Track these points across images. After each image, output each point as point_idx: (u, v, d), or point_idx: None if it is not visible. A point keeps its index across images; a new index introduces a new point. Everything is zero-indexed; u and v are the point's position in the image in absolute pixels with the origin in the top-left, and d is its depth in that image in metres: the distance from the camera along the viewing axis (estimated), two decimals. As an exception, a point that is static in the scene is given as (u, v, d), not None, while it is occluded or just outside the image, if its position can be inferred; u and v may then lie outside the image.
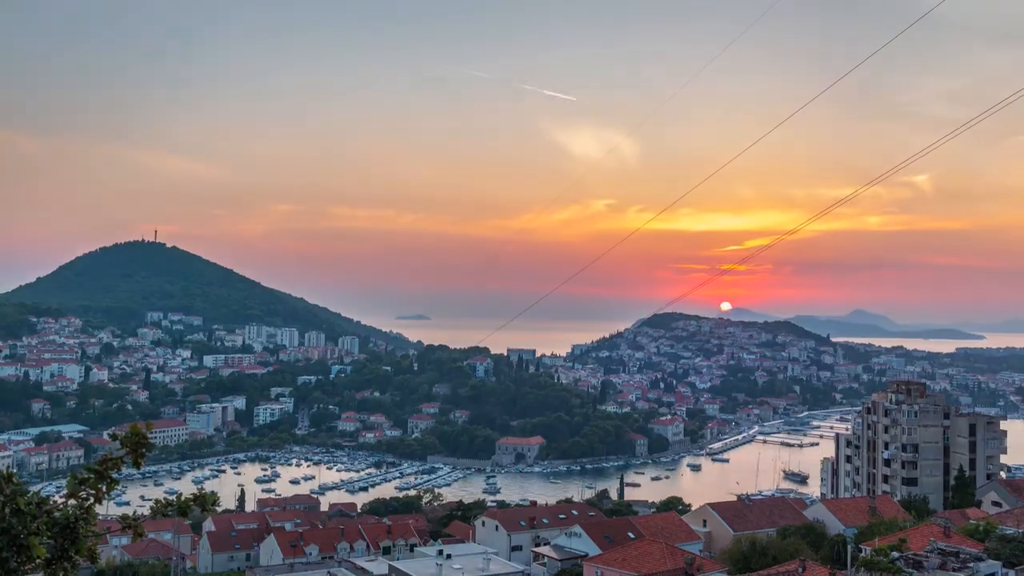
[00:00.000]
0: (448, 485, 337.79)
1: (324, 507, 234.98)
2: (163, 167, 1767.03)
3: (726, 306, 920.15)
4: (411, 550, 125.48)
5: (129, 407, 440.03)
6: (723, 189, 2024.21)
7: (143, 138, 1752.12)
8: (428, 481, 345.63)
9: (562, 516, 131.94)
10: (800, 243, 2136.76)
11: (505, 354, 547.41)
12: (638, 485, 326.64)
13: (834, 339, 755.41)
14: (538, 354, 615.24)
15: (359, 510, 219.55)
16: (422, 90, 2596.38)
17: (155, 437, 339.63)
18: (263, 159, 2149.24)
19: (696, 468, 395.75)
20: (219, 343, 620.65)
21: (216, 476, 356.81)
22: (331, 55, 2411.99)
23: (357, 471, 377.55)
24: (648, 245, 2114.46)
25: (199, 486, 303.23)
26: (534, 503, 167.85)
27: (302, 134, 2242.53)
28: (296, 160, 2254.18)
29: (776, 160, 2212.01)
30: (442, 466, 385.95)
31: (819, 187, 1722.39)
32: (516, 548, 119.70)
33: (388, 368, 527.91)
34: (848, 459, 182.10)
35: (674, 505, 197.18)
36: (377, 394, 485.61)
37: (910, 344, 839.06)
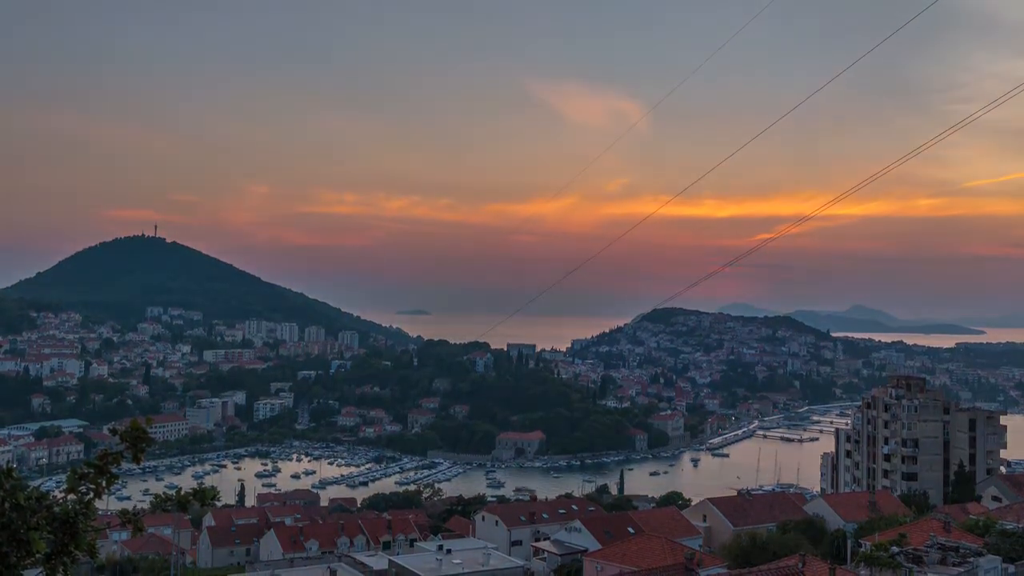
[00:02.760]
0: (448, 480, 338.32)
1: (324, 502, 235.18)
2: (118, 141, 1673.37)
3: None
4: (411, 545, 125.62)
5: (129, 402, 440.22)
6: (751, 171, 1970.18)
7: (94, 112, 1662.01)
8: (428, 476, 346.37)
9: (562, 511, 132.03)
10: (838, 229, 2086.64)
11: (505, 349, 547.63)
12: (630, 468, 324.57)
13: (834, 334, 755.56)
14: (538, 349, 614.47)
15: (359, 505, 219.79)
16: (407, 58, 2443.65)
17: (155, 432, 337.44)
18: (226, 136, 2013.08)
19: (695, 462, 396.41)
20: (219, 338, 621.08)
21: (216, 471, 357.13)
22: (299, 22, 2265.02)
23: (357, 466, 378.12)
24: (665, 233, 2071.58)
25: (199, 481, 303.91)
26: (534, 498, 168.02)
27: (268, 108, 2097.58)
28: (265, 136, 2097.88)
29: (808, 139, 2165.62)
30: (442, 461, 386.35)
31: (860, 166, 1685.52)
32: (516, 543, 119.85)
33: (388, 363, 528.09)
34: (848, 454, 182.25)
35: (674, 500, 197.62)
36: (377, 389, 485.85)
37: (910, 339, 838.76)
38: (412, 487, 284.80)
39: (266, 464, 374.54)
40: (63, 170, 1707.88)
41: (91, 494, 8.75)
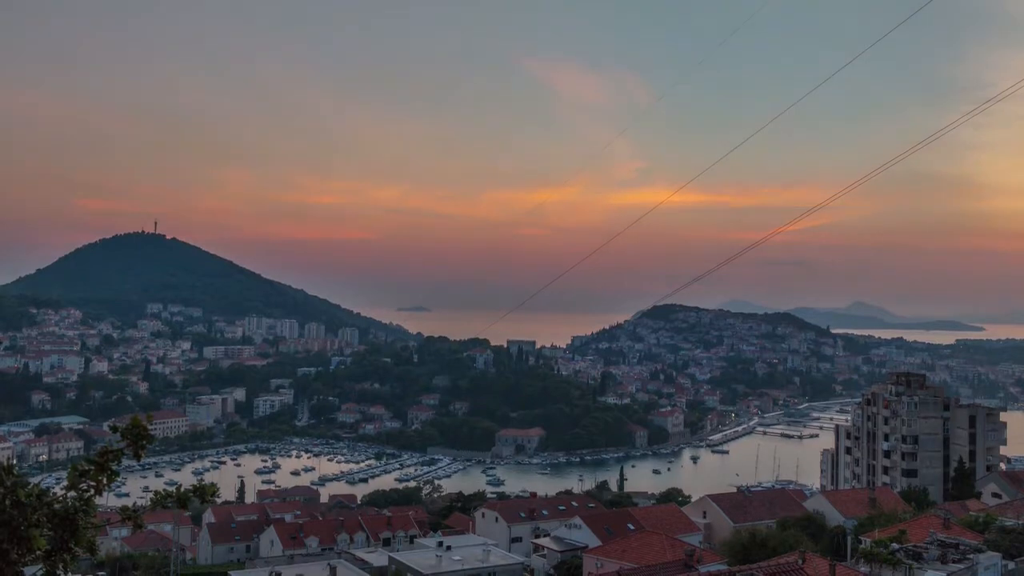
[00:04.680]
0: (448, 477, 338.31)
1: (324, 499, 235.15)
2: (83, 124, 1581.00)
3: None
4: (411, 541, 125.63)
5: (129, 399, 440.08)
6: (764, 165, 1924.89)
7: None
8: (428, 472, 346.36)
9: (562, 508, 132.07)
10: (840, 225, 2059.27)
11: (505, 346, 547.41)
12: (633, 465, 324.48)
13: (834, 331, 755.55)
14: (538, 345, 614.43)
15: (359, 502, 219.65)
16: (398, 36, 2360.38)
17: (155, 429, 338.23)
18: (200, 118, 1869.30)
19: (695, 458, 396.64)
20: (219, 335, 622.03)
21: (216, 467, 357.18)
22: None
23: (357, 463, 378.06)
24: (670, 226, 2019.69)
25: (199, 477, 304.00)
26: (534, 495, 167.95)
27: (245, 88, 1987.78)
28: (243, 119, 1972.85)
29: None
30: (442, 458, 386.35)
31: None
32: (516, 539, 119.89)
33: (388, 359, 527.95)
34: (848, 450, 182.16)
35: (674, 497, 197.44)
36: (377, 386, 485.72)
37: (910, 335, 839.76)
38: (412, 484, 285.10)
39: (266, 461, 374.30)
40: (29, 156, 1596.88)
41: (91, 491, 8.75)
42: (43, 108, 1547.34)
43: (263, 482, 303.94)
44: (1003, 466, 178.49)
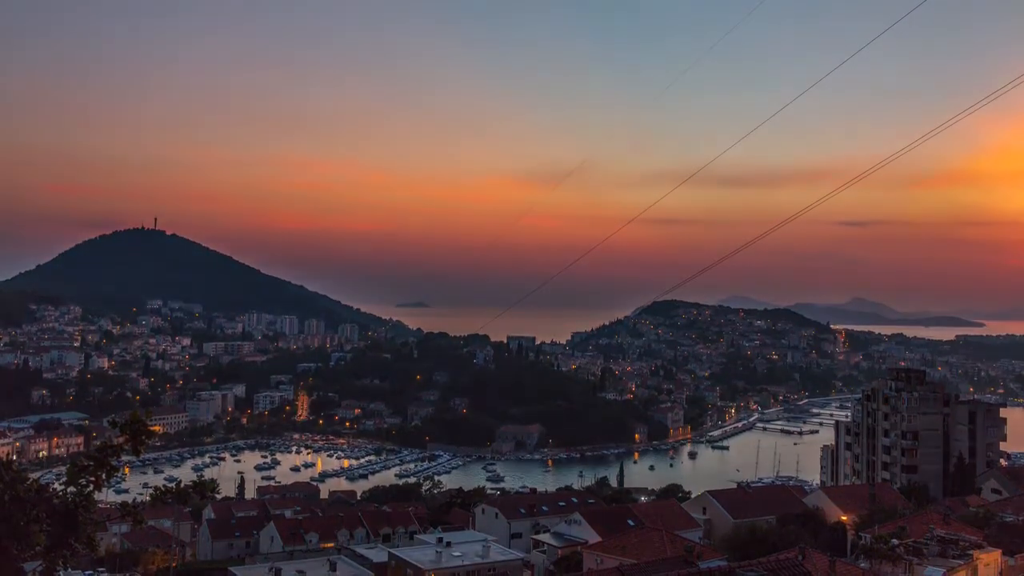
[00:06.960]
0: (448, 473, 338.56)
1: (324, 495, 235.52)
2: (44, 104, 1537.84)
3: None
4: (411, 537, 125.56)
5: (129, 395, 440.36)
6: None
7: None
8: (428, 468, 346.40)
9: (562, 504, 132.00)
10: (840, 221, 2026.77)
11: (505, 341, 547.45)
12: (634, 462, 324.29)
13: (834, 326, 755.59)
14: (538, 341, 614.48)
15: (359, 498, 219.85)
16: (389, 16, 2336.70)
17: (154, 423, 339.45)
18: (181, 102, 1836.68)
19: (694, 455, 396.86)
20: (219, 330, 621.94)
21: (216, 464, 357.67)
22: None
23: (357, 459, 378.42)
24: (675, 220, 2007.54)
25: (199, 474, 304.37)
26: (534, 491, 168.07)
27: (222, 71, 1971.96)
28: (223, 102, 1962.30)
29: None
30: (442, 454, 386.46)
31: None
32: (516, 535, 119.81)
33: (388, 355, 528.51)
34: (848, 446, 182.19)
35: (674, 492, 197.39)
36: (377, 382, 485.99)
37: (910, 332, 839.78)
38: (412, 480, 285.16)
39: (266, 457, 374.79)
40: (24, 150, 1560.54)
41: (91, 486, 8.74)
42: (32, 96, 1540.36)
43: (263, 478, 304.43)
44: (1003, 462, 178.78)
